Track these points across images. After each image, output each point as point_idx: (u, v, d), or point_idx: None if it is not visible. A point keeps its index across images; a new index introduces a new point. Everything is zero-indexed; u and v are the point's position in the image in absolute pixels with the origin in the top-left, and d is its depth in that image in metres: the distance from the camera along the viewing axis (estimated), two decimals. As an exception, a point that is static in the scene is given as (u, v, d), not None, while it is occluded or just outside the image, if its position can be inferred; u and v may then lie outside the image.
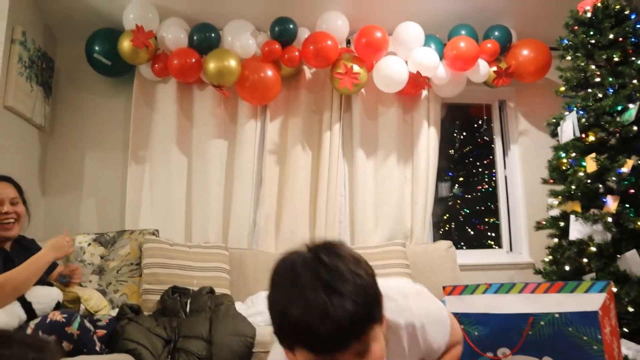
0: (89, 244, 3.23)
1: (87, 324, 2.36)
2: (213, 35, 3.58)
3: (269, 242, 3.61)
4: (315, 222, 3.62)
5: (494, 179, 4.25)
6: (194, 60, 3.49)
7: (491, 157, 4.28)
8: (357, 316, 1.00)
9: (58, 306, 2.34)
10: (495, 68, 3.69)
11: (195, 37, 3.55)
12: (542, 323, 1.80)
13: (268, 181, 3.67)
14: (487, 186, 4.43)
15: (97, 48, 3.58)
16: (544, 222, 3.14)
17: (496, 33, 3.73)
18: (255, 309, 2.91)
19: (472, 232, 4.50)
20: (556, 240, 3.08)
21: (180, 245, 3.28)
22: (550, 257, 3.07)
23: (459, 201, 4.56)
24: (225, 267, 3.25)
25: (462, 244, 4.38)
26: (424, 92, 3.84)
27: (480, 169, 4.52)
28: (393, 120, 3.81)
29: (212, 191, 3.61)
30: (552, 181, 3.16)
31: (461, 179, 4.58)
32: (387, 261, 3.25)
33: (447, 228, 4.47)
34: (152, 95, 3.74)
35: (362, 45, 3.54)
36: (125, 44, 3.46)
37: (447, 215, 4.46)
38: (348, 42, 3.81)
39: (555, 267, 3.01)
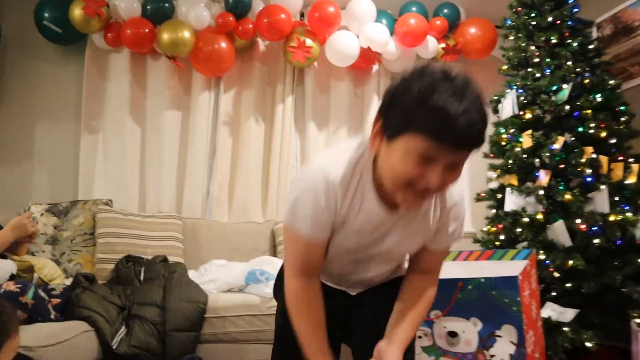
0: (42, 214, 3.24)
1: (42, 293, 2.41)
2: (167, 5, 3.57)
3: (221, 212, 3.69)
4: (267, 193, 3.72)
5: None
6: (147, 30, 3.48)
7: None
8: (485, 126, 1.12)
9: (12, 278, 2.39)
10: (443, 45, 3.82)
11: (148, 7, 3.54)
12: (469, 287, 1.98)
13: (221, 152, 3.74)
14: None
15: (46, 15, 3.52)
16: (484, 194, 3.33)
17: (445, 10, 3.85)
18: (208, 277, 3.01)
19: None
20: (494, 211, 3.28)
21: (134, 215, 3.33)
22: (489, 226, 3.27)
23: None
24: (179, 237, 3.33)
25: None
26: (375, 67, 3.94)
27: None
28: (344, 94, 3.92)
29: (166, 161, 3.65)
30: (492, 155, 3.34)
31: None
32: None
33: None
34: (105, 64, 3.73)
35: (315, 19, 3.60)
36: (77, 12, 3.42)
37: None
38: (302, 15, 3.85)
39: (492, 236, 3.21)
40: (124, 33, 3.46)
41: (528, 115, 3.10)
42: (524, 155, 3.06)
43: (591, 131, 2.91)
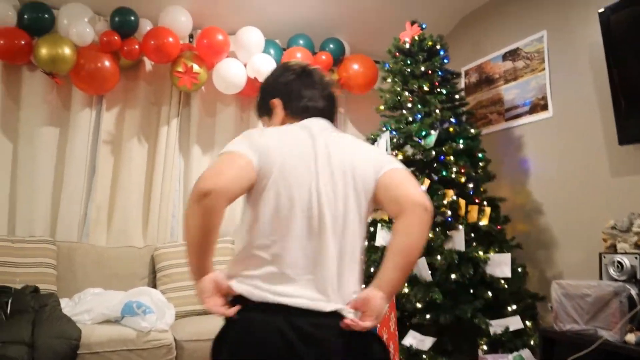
0: None
1: None
2: (47, 16, 3.41)
3: (99, 235, 3.60)
4: (148, 216, 3.69)
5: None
6: (23, 42, 3.31)
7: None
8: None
9: None
10: (328, 78, 4.00)
11: (25, 16, 3.35)
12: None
13: (101, 172, 3.65)
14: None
15: None
16: (358, 226, 3.56)
17: (331, 45, 4.04)
18: (83, 307, 2.95)
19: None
20: (367, 242, 3.52)
21: (1, 240, 3.16)
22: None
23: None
24: (52, 262, 3.22)
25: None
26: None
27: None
28: (231, 118, 3.98)
29: (40, 180, 3.49)
30: (367, 190, 3.57)
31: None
32: (219, 257, 3.44)
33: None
34: (-27, 73, 3.47)
35: (203, 45, 3.63)
36: (-59, 17, 3.16)
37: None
38: (191, 37, 3.85)
39: (364, 267, 3.44)
40: (-5, 43, 3.25)
41: (400, 157, 3.36)
42: (395, 193, 3.32)
43: (453, 175, 3.23)
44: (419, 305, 3.06)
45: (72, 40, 3.39)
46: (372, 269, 3.32)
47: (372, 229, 3.45)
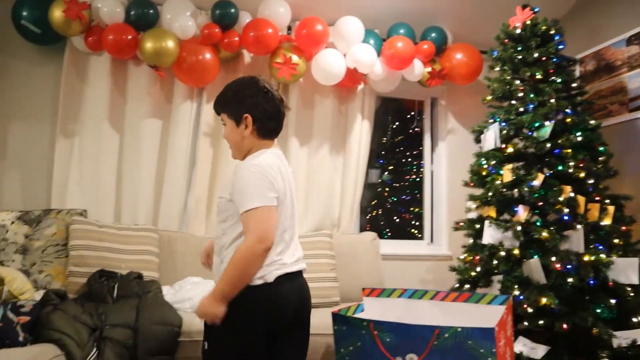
0: (12, 222, 3.15)
1: (10, 315, 2.36)
2: (151, 12, 3.48)
3: (198, 225, 3.64)
4: (246, 208, 3.68)
5: (422, 170, 4.44)
6: (130, 37, 3.39)
7: (421, 148, 4.45)
8: (217, 103, 2.00)
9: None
10: (429, 69, 3.83)
11: (132, 13, 3.45)
12: (446, 335, 1.99)
13: (201, 164, 3.68)
14: (414, 176, 4.62)
15: (25, 13, 3.39)
16: (462, 224, 3.36)
17: (433, 34, 3.85)
18: (183, 295, 2.98)
19: (397, 220, 4.72)
20: (471, 240, 3.31)
21: (109, 227, 3.26)
22: (466, 255, 3.31)
23: (387, 188, 4.75)
24: (155, 250, 3.28)
25: (388, 230, 4.58)
26: (360, 86, 3.93)
27: (409, 159, 4.70)
28: (328, 111, 3.90)
29: (144, 171, 3.58)
30: (472, 185, 3.37)
31: (391, 167, 4.75)
32: (314, 251, 3.38)
33: (373, 214, 4.65)
34: (85, 67, 3.62)
35: (302, 36, 3.57)
36: (57, 14, 3.31)
37: (375, 201, 4.64)
38: (289, 28, 3.81)
39: (468, 265, 3.24)
40: (106, 38, 3.36)
41: (510, 149, 3.13)
42: (504, 189, 3.09)
43: (570, 170, 2.96)
44: (529, 309, 2.83)
45: (175, 34, 3.44)
46: (478, 268, 3.13)
47: (477, 226, 3.25)
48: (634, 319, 2.78)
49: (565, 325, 2.72)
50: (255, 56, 3.80)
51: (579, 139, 3.03)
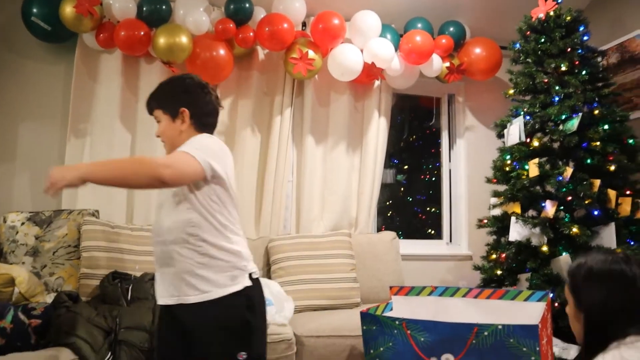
0: (23, 223, 3.06)
1: (21, 317, 2.27)
2: (164, 7, 3.40)
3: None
4: (261, 208, 3.59)
5: (437, 168, 4.34)
6: (142, 33, 3.31)
7: (437, 147, 4.36)
8: (150, 100, 2.04)
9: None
10: (448, 64, 3.74)
11: (144, 8, 3.36)
12: (485, 333, 1.88)
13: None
14: (431, 176, 4.52)
15: (35, 10, 3.32)
16: (486, 221, 3.26)
17: (451, 29, 3.76)
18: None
19: (414, 220, 4.61)
20: (495, 237, 3.21)
21: (121, 228, 3.16)
22: (491, 252, 3.20)
23: (402, 188, 4.64)
24: (168, 252, 3.17)
25: (401, 232, 4.47)
26: (377, 82, 3.84)
27: (426, 158, 4.60)
28: (344, 108, 3.81)
29: (157, 171, 3.48)
30: (495, 181, 3.27)
31: (406, 166, 4.65)
32: (333, 251, 3.28)
33: (389, 214, 4.54)
34: (96, 65, 3.54)
35: (318, 30, 3.48)
36: (68, 10, 3.22)
37: (390, 201, 4.54)
38: (304, 24, 3.73)
39: (493, 264, 3.13)
40: (118, 35, 3.28)
41: (535, 143, 3.03)
42: (529, 184, 2.99)
43: (599, 164, 2.86)
44: (560, 308, 2.72)
45: (188, 29, 3.36)
46: (503, 268, 3.02)
47: (500, 224, 3.14)
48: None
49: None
50: (269, 52, 3.72)
51: (607, 131, 2.92)
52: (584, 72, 3.04)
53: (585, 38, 3.12)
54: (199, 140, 1.79)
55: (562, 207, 2.92)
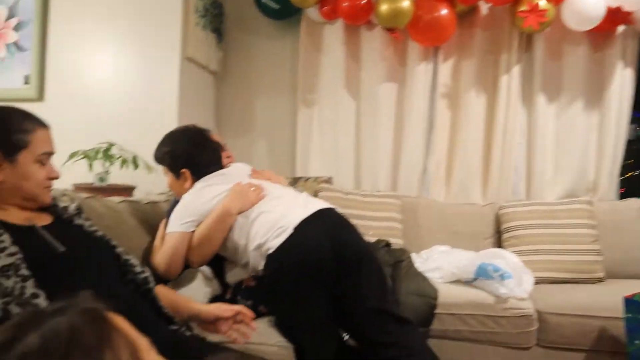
0: (267, 190, 3.37)
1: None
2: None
3: (439, 191, 3.54)
4: (488, 172, 3.45)
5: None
6: (364, 1, 3.34)
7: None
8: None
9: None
10: None
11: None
12: None
13: (439, 127, 3.55)
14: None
15: (266, -9, 3.55)
16: None
17: None
18: (432, 265, 2.89)
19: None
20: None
21: (353, 194, 3.30)
22: None
23: (645, 145, 4.11)
24: (398, 217, 3.24)
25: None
26: (620, 28, 3.37)
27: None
28: (580, 61, 3.42)
29: (382, 136, 3.56)
30: None
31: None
32: (572, 220, 3.03)
33: (628, 175, 4.06)
34: (319, 37, 3.69)
35: (551, -22, 3.15)
36: (297, -15, 3.39)
37: (632, 160, 4.04)
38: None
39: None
40: (340, 6, 3.36)
41: None
42: None
43: None
44: None
45: (409, -8, 3.29)
46: None
47: None
48: None
49: None
50: (492, 7, 3.47)
51: None
52: None
53: None
54: (177, 209, 2.05)
55: None
